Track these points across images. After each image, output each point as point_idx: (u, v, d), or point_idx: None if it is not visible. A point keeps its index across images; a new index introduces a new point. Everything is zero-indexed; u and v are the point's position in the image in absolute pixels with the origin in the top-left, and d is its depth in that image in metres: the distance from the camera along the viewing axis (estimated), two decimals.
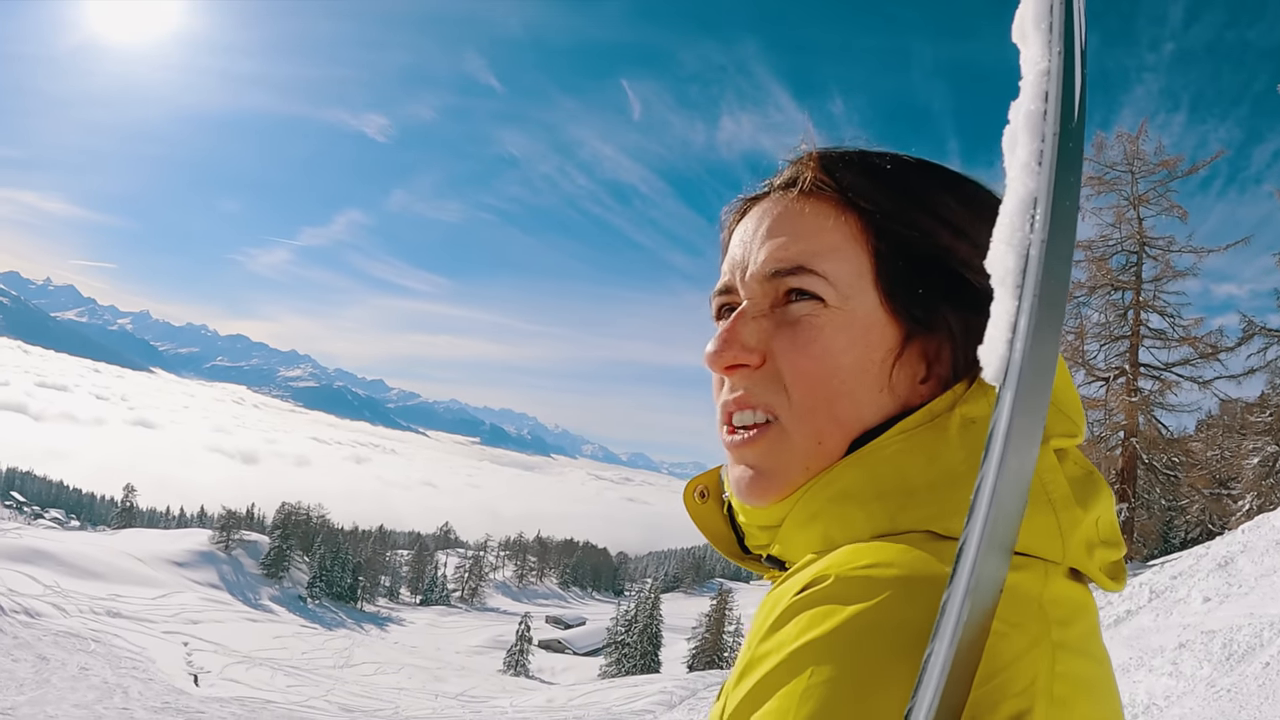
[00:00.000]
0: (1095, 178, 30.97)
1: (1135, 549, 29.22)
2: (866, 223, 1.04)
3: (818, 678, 0.77)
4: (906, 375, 1.03)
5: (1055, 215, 0.61)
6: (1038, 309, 0.61)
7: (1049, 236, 0.61)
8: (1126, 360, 29.78)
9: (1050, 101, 0.63)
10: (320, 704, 53.16)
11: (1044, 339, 0.62)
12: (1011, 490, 0.65)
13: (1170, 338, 29.82)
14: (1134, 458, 29.21)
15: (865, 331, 1.02)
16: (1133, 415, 28.93)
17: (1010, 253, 0.64)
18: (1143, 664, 12.37)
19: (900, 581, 0.81)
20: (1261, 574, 15.73)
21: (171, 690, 44.01)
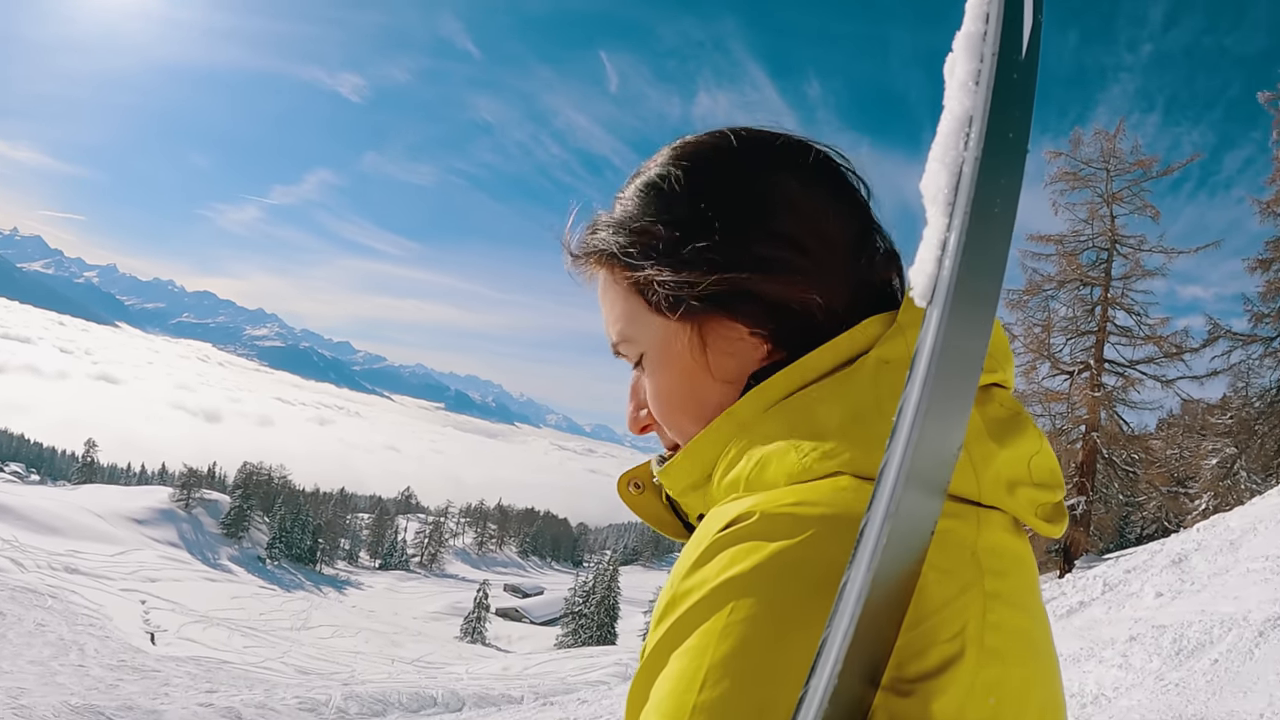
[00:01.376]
0: (1070, 173, 31.16)
1: (1091, 542, 29.61)
2: (618, 267, 1.11)
3: (738, 614, 0.77)
4: (727, 353, 1.06)
5: (991, 135, 0.58)
6: (970, 227, 0.58)
7: (983, 155, 0.58)
8: (1092, 355, 30.08)
9: (990, 23, 0.62)
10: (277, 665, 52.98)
11: (978, 260, 0.60)
12: (941, 422, 0.64)
13: (1136, 336, 30.16)
14: (1094, 452, 29.52)
15: (673, 351, 1.08)
16: (1095, 410, 29.23)
17: (943, 171, 0.63)
18: (1093, 655, 12.50)
19: (826, 520, 0.82)
20: (1214, 573, 15.92)
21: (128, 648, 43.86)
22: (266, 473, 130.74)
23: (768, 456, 0.93)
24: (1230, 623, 12.50)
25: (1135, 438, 30.10)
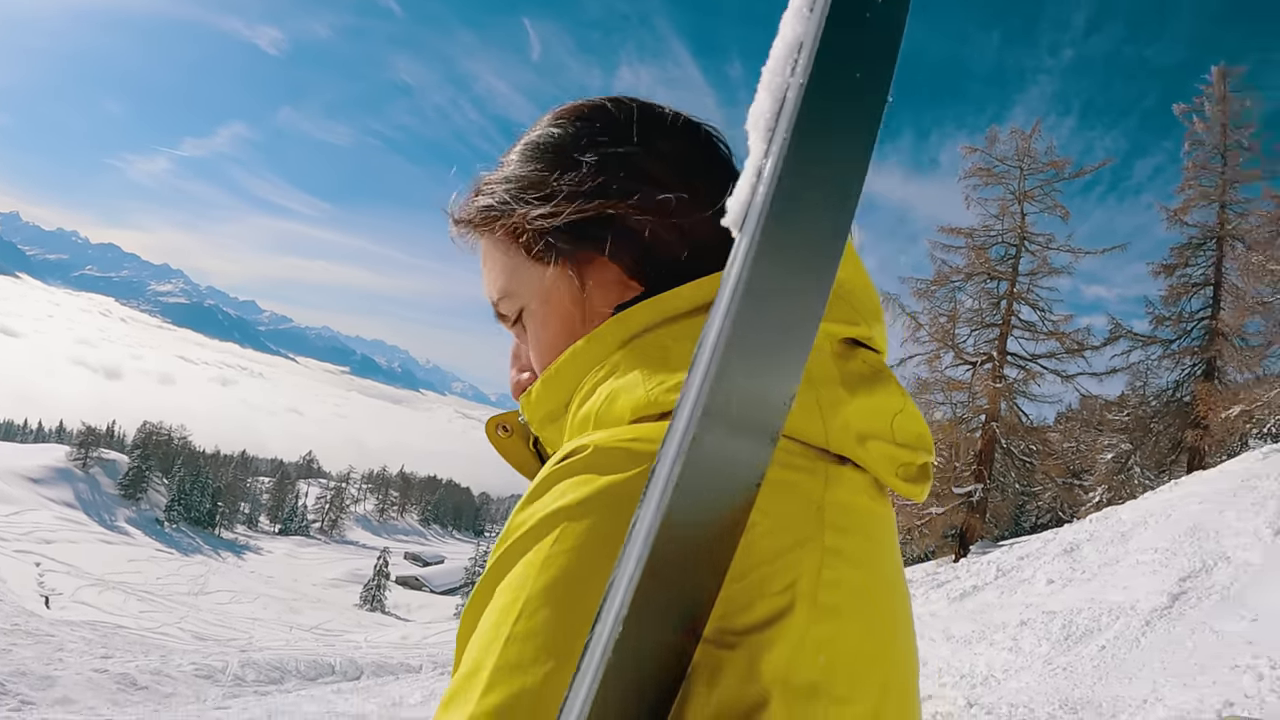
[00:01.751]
0: (984, 169, 31.86)
1: (987, 529, 30.33)
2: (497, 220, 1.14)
3: (561, 545, 0.79)
4: (605, 300, 1.07)
5: (822, 64, 0.57)
6: (789, 155, 0.57)
7: (810, 82, 0.56)
8: (995, 347, 30.77)
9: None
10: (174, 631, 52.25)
11: (803, 191, 0.58)
12: (756, 361, 0.61)
13: (1039, 330, 30.99)
14: (993, 441, 30.32)
15: (553, 300, 1.11)
16: (995, 401, 29.98)
17: (767, 97, 0.61)
18: (984, 637, 12.95)
19: None
20: (1104, 563, 16.56)
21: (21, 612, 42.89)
22: (166, 433, 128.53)
23: (617, 390, 0.94)
24: (1118, 611, 13.05)
25: (1033, 429, 30.97)
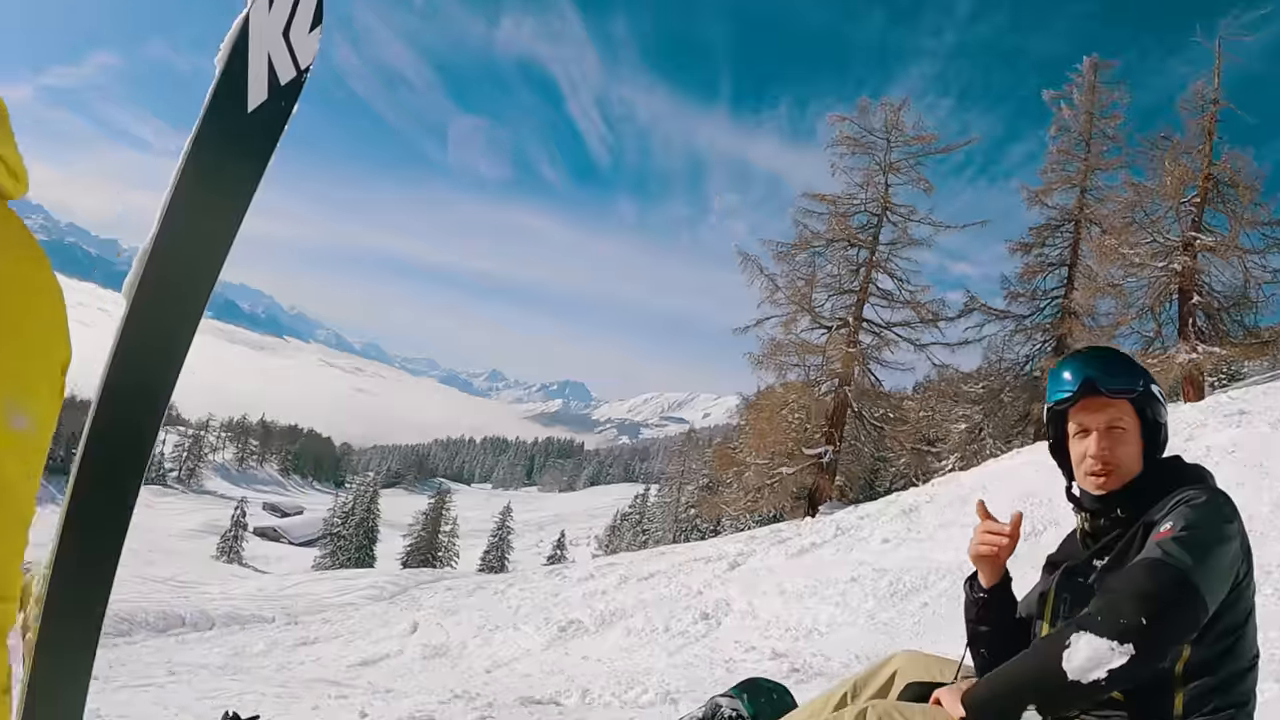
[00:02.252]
0: (852, 139, 32.08)
1: (843, 491, 30.76)
2: None
3: None
4: None
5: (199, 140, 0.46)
6: None
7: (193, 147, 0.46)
8: (851, 313, 31.05)
9: None
10: None
11: None
12: None
13: (896, 299, 31.40)
14: (844, 405, 30.57)
15: None
16: (849, 365, 30.22)
17: None
18: (816, 592, 13.03)
19: None
20: (940, 524, 16.84)
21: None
22: None
23: None
24: (945, 570, 13.21)
25: (885, 395, 31.44)
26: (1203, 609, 2.20)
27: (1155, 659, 2.14)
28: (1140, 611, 2.11)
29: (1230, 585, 2.32)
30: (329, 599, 31.80)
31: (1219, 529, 2.32)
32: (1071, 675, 2.12)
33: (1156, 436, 2.63)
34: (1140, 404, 2.60)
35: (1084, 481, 2.66)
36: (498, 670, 12.32)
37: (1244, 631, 2.40)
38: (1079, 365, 2.63)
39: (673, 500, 70.83)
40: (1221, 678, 2.36)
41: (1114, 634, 2.10)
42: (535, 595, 18.64)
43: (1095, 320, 30.05)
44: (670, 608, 14.14)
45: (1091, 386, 2.57)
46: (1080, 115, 32.61)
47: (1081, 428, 2.64)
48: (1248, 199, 26.45)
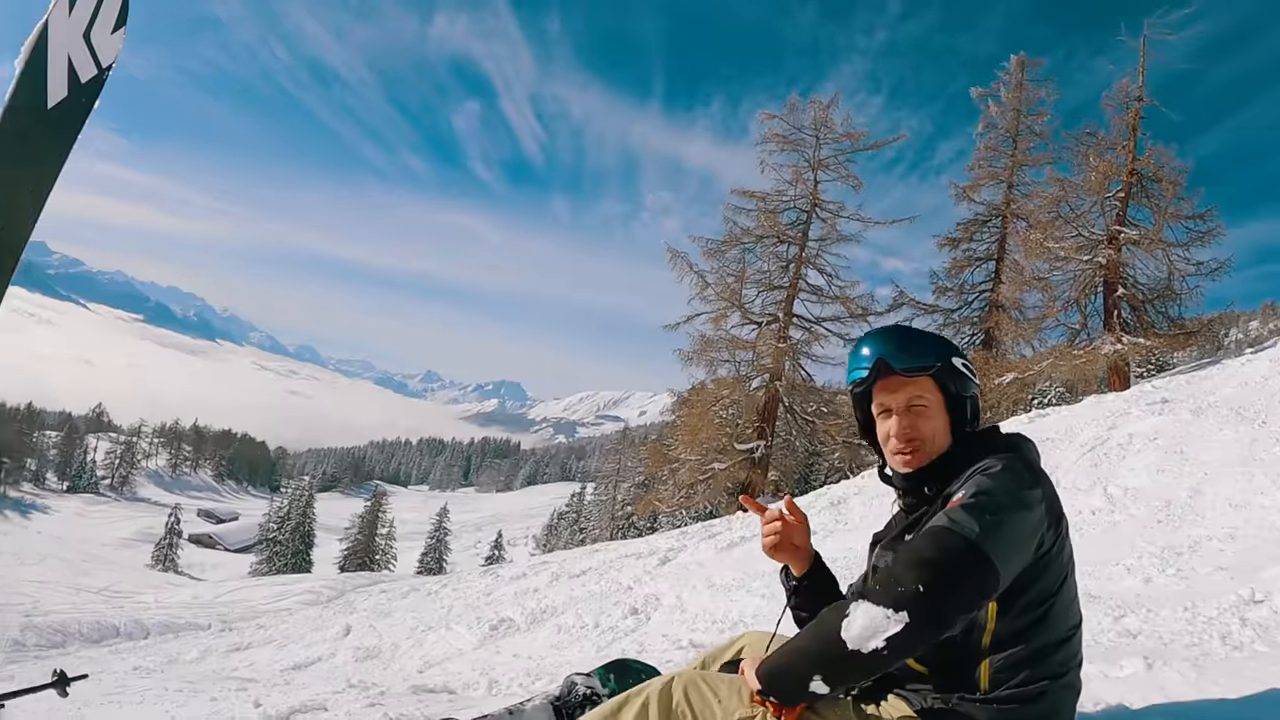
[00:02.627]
0: (781, 136, 32.17)
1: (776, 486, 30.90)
2: None
3: None
4: None
5: None
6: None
7: None
8: (781, 309, 31.17)
9: None
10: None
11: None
12: None
13: (826, 294, 31.54)
14: (776, 400, 30.69)
15: None
16: (779, 360, 30.35)
17: None
18: (744, 585, 12.99)
19: None
20: (866, 515, 16.96)
21: None
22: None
23: None
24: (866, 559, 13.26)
25: (816, 389, 31.47)
26: (992, 576, 2.16)
27: (935, 626, 2.09)
28: (918, 578, 2.09)
29: (1034, 554, 2.30)
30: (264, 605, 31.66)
31: (1015, 495, 2.28)
32: (851, 644, 2.09)
33: (963, 410, 2.63)
34: (941, 379, 2.59)
35: (892, 461, 2.65)
36: (429, 670, 12.24)
37: (1056, 601, 2.39)
38: (873, 345, 2.64)
39: (609, 498, 70.86)
40: (1034, 649, 2.36)
41: (890, 602, 2.08)
42: (468, 595, 18.59)
43: (1022, 313, 30.44)
44: (601, 604, 14.09)
45: (885, 366, 2.58)
46: (1008, 112, 33.09)
47: (883, 408, 2.65)
48: (1171, 193, 26.80)
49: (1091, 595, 7.12)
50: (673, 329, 31.66)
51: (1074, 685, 2.47)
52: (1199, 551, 8.33)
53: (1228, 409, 14.40)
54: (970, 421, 2.64)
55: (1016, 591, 2.30)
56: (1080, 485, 12.68)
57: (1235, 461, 11.51)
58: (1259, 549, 7.82)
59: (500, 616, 14.69)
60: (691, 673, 2.51)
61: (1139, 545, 9.06)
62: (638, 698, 2.45)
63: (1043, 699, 2.35)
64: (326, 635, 17.33)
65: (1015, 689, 2.34)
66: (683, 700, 2.41)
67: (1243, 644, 5.04)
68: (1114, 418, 16.53)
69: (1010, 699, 2.34)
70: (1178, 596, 6.69)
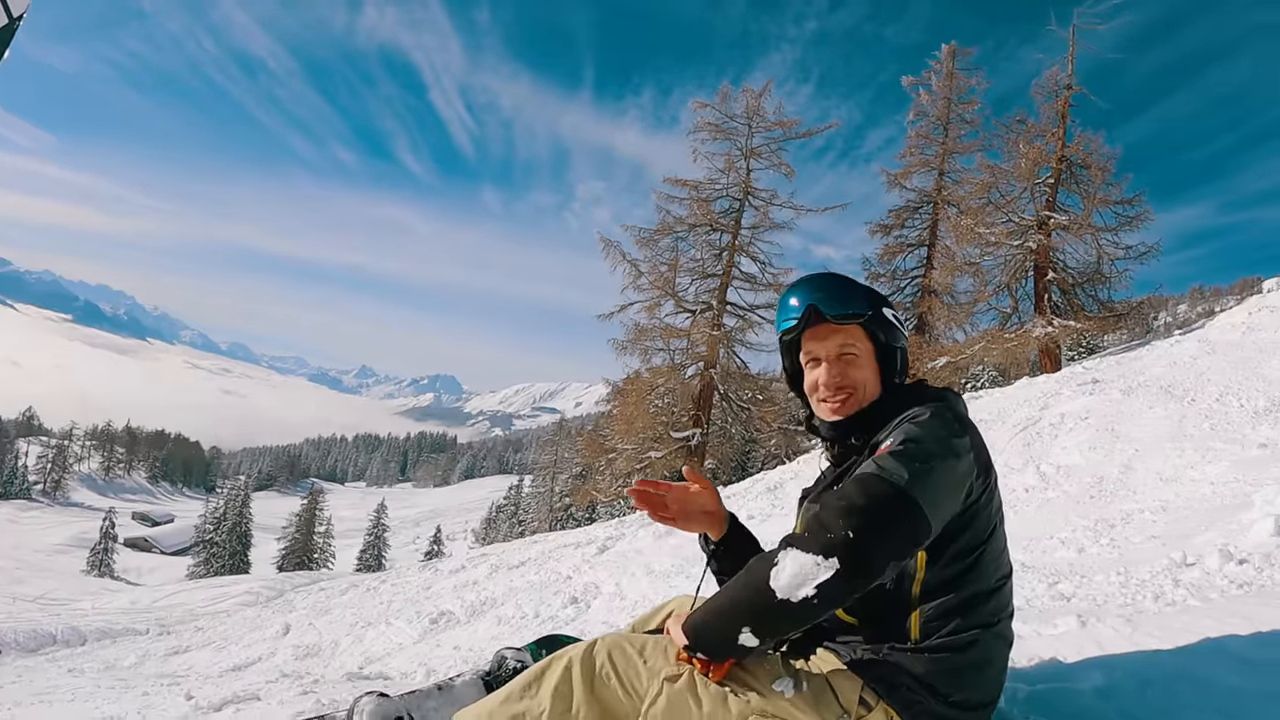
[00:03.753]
0: (713, 124, 32.24)
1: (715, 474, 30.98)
2: None
3: None
4: None
5: None
6: None
7: None
8: (715, 297, 31.25)
9: None
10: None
11: None
12: None
13: (759, 282, 31.65)
14: (711, 387, 30.81)
15: None
16: (714, 348, 30.49)
17: None
18: (682, 570, 12.95)
19: None
20: None
21: None
22: None
23: None
24: None
25: (751, 376, 31.59)
26: (923, 523, 2.13)
27: (865, 573, 2.05)
28: (847, 525, 2.05)
29: (963, 502, 2.28)
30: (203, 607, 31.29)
31: (943, 444, 2.25)
32: (780, 594, 2.05)
33: (892, 360, 2.60)
34: (871, 328, 2.55)
35: (819, 410, 2.62)
36: (370, 666, 12.09)
37: (986, 550, 2.38)
38: (804, 292, 2.57)
39: (547, 490, 70.93)
40: (964, 598, 2.35)
41: (819, 548, 2.04)
42: (407, 590, 18.55)
43: (954, 298, 30.83)
44: (540, 594, 14.03)
45: (817, 313, 2.53)
46: (938, 100, 33.54)
47: (812, 356, 2.61)
48: (1100, 179, 27.25)
49: (1026, 566, 7.14)
50: (607, 319, 31.71)
51: (1005, 635, 2.47)
52: (1131, 523, 8.38)
53: (1157, 388, 14.60)
54: (899, 373, 2.61)
55: (946, 540, 2.28)
56: (1014, 465, 12.77)
57: (1165, 438, 11.64)
58: (1190, 519, 7.88)
59: (440, 610, 14.58)
60: (615, 636, 2.44)
61: (1073, 519, 9.11)
62: (560, 661, 2.38)
63: (974, 648, 2.34)
64: (266, 635, 17.17)
65: (946, 638, 2.33)
66: (606, 662, 2.35)
67: (1175, 601, 5.06)
68: (1046, 398, 16.69)
69: (941, 648, 2.33)
70: (1111, 563, 6.72)
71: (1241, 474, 9.07)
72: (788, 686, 2.28)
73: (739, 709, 2.24)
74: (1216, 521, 7.24)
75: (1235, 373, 14.44)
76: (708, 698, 2.25)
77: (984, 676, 2.40)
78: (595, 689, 2.33)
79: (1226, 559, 5.59)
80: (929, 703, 2.34)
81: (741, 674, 2.30)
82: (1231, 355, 16.02)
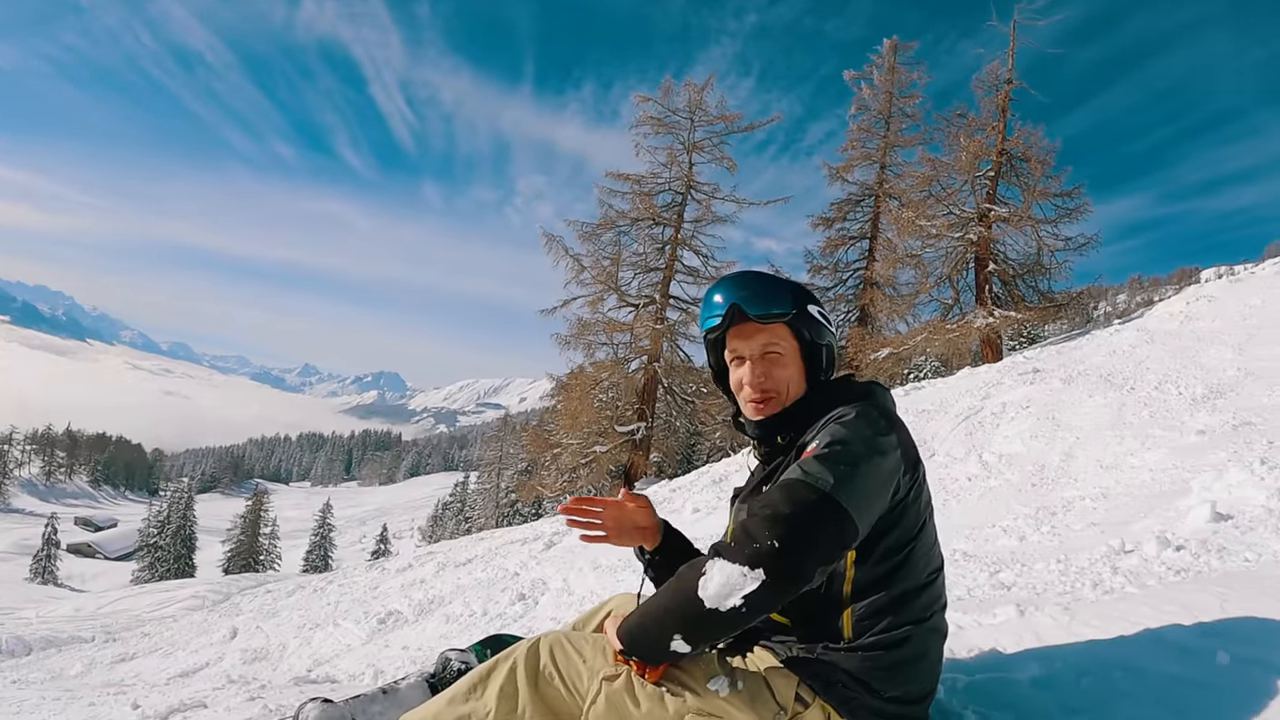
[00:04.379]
0: (656, 119, 32.25)
1: (662, 466, 31.07)
2: None
3: None
4: None
5: None
6: None
7: None
8: (658, 291, 31.30)
9: None
10: None
11: None
12: None
13: (702, 275, 31.64)
14: (655, 381, 30.90)
15: None
16: (657, 342, 30.55)
17: None
18: (629, 565, 12.91)
19: None
20: None
21: None
22: None
23: None
24: None
25: (695, 370, 31.51)
26: (849, 526, 2.13)
27: (793, 582, 2.06)
28: (773, 534, 2.05)
29: (891, 501, 2.28)
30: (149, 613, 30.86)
31: (869, 443, 2.24)
32: (708, 603, 2.06)
33: (818, 358, 2.59)
34: (796, 326, 2.54)
35: (745, 408, 2.61)
36: (318, 669, 11.95)
37: (916, 546, 2.38)
38: (727, 291, 2.55)
39: (493, 486, 70.65)
40: (895, 595, 2.35)
41: (745, 559, 2.04)
42: (354, 590, 18.51)
43: (896, 290, 31.14)
44: (488, 591, 14.05)
45: (739, 312, 2.52)
46: (880, 94, 33.88)
47: (736, 354, 2.59)
48: (1039, 172, 27.58)
49: (968, 555, 7.16)
50: (550, 314, 31.61)
51: (939, 628, 2.48)
52: (1072, 510, 8.44)
53: (1097, 377, 14.76)
54: (826, 370, 2.61)
55: (875, 539, 2.29)
56: (956, 454, 12.84)
57: (1105, 425, 11.75)
58: (1129, 505, 7.93)
59: (388, 609, 14.54)
60: (557, 634, 2.43)
61: (1014, 508, 9.16)
62: (505, 662, 2.38)
63: (908, 643, 2.34)
64: (213, 639, 17.00)
65: (879, 635, 2.33)
66: (549, 661, 2.35)
67: (1114, 589, 5.08)
68: (987, 388, 16.83)
69: (875, 645, 2.33)
70: (1051, 551, 6.75)
71: (1180, 460, 9.15)
72: (723, 685, 2.28)
73: (676, 708, 2.25)
74: (1155, 508, 7.30)
75: (1174, 361, 14.63)
76: (645, 697, 2.25)
77: (919, 670, 2.41)
78: (539, 688, 2.34)
79: (1164, 546, 5.63)
80: (865, 699, 2.34)
81: (678, 673, 2.29)
82: (1170, 344, 16.22)
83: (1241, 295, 18.87)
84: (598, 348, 31.09)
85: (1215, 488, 6.96)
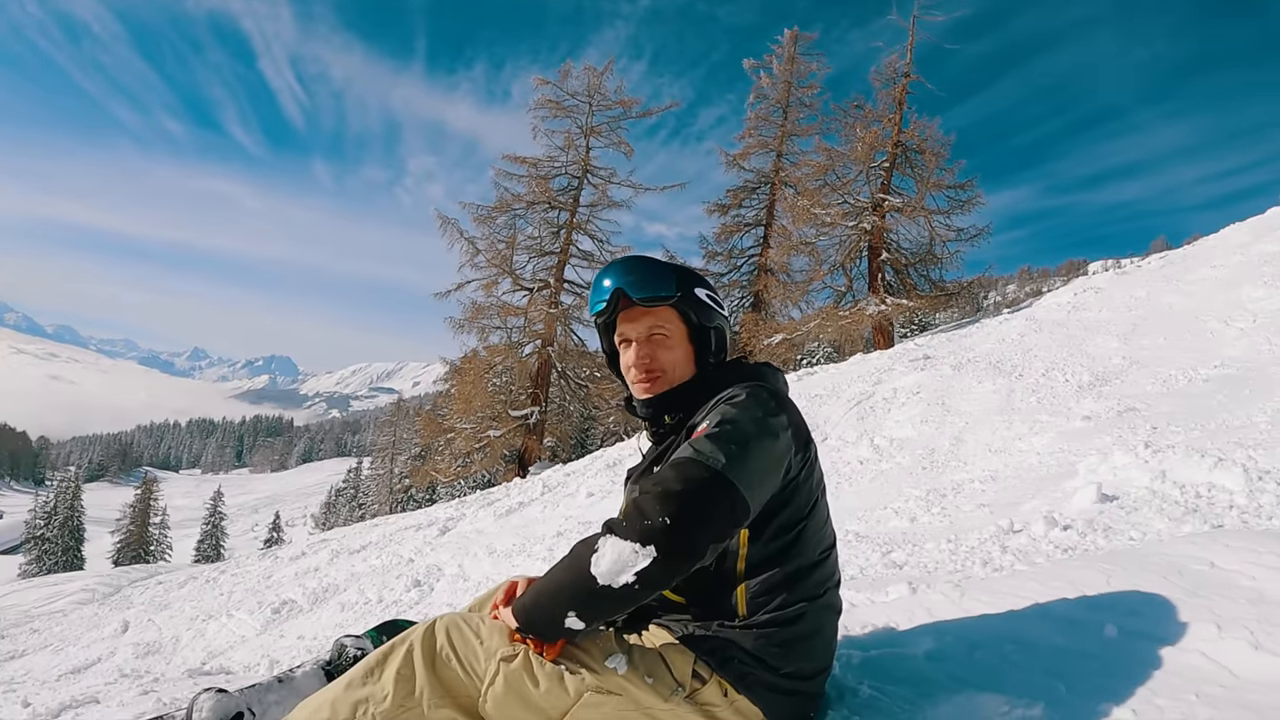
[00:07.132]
0: (553, 102, 32.17)
1: (556, 450, 31.06)
2: None
3: None
4: None
5: None
6: None
7: None
8: (553, 274, 31.34)
9: None
10: None
11: None
12: None
13: (597, 260, 31.76)
14: (549, 365, 30.89)
15: None
16: (551, 326, 30.55)
17: None
18: (524, 550, 13.02)
19: None
20: None
21: None
22: None
23: None
24: None
25: (589, 354, 31.61)
26: (741, 504, 2.16)
27: (683, 559, 2.08)
28: (664, 511, 2.07)
29: (782, 480, 2.32)
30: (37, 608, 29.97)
31: (760, 424, 2.28)
32: (601, 580, 2.08)
33: (706, 340, 2.63)
34: (683, 308, 2.59)
35: (633, 390, 2.66)
36: (212, 661, 11.78)
37: (808, 525, 2.42)
38: (611, 276, 2.60)
39: (386, 472, 70.09)
40: (788, 572, 2.38)
41: (637, 536, 2.06)
42: (248, 580, 18.26)
43: (790, 277, 31.46)
44: (383, 578, 14.02)
45: (624, 296, 2.57)
46: (779, 84, 34.08)
47: (624, 337, 2.65)
48: (934, 164, 28.05)
49: (860, 536, 7.26)
50: (444, 297, 31.41)
51: (833, 605, 2.53)
52: (962, 492, 8.56)
53: (986, 364, 15.03)
54: (716, 352, 2.65)
55: (767, 517, 2.33)
56: (848, 438, 12.99)
57: (994, 410, 11.97)
58: (1017, 487, 8.08)
59: (282, 599, 14.41)
60: (454, 616, 2.41)
61: (905, 490, 9.28)
62: (401, 645, 2.36)
63: (802, 620, 2.39)
64: (104, 634, 16.65)
65: (773, 612, 2.37)
66: (446, 643, 2.34)
67: (1003, 567, 5.17)
68: (879, 374, 17.07)
69: (769, 623, 2.37)
70: (942, 532, 6.89)
71: (1066, 444, 9.32)
72: (620, 663, 2.31)
73: (575, 686, 2.26)
74: (1043, 490, 7.43)
75: (1061, 350, 14.94)
76: (544, 677, 2.26)
77: (814, 646, 2.45)
78: (437, 669, 2.31)
79: (1051, 525, 5.75)
80: (761, 674, 2.36)
81: (575, 651, 2.32)
82: (1057, 333, 16.56)
83: (1127, 287, 19.32)
84: (492, 331, 30.99)
85: (1101, 470, 7.10)
